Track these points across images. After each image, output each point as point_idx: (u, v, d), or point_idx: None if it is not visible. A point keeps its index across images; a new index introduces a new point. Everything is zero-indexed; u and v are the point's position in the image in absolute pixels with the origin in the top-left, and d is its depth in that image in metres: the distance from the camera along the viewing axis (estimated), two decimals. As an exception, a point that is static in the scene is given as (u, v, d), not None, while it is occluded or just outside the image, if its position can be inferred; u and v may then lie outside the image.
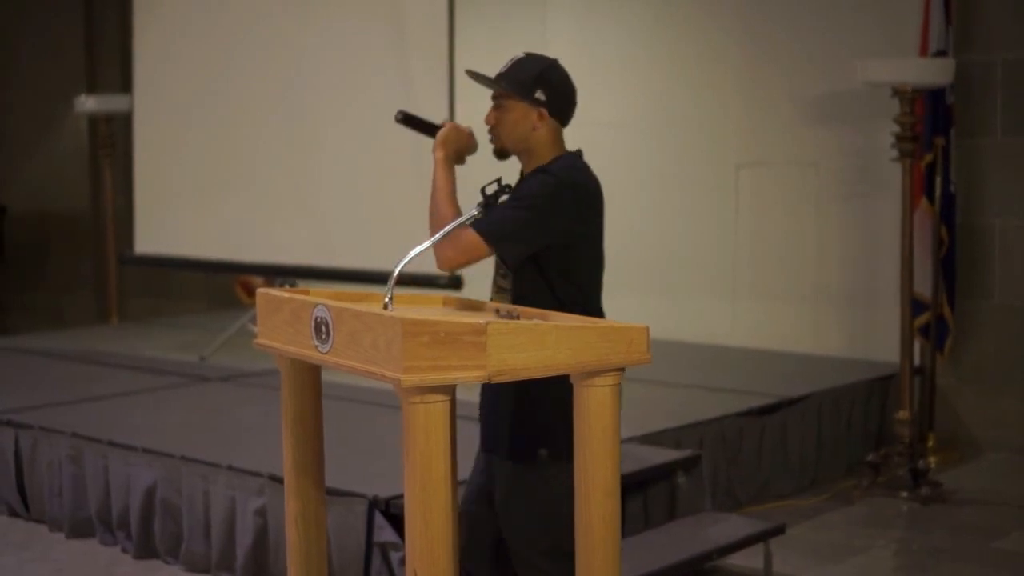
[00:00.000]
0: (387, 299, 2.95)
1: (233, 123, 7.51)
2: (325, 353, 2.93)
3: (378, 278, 6.22)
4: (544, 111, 3.31)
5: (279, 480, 4.47)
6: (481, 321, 2.70)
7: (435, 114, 3.96)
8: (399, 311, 2.85)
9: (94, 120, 10.40)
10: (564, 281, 3.27)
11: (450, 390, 2.72)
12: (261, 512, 4.73)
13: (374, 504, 4.39)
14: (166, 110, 7.96)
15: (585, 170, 3.35)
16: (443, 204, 3.33)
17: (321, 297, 3.09)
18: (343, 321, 2.87)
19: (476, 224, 3.21)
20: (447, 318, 2.78)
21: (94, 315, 10.84)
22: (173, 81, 7.91)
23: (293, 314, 3.07)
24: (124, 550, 5.28)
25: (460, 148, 3.40)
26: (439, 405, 2.69)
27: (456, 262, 3.30)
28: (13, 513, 5.77)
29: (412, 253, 3.04)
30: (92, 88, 10.72)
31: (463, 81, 6.86)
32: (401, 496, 2.81)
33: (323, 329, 2.92)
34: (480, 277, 6.77)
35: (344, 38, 6.93)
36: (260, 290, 3.30)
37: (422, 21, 6.52)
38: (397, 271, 2.98)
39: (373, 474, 4.67)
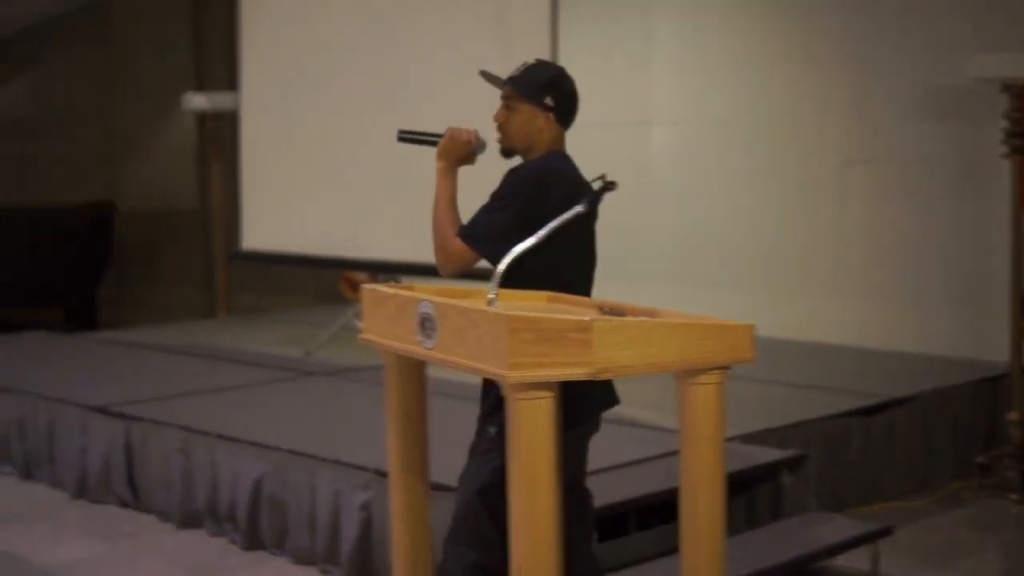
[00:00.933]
0: (492, 295, 2.96)
1: (338, 120, 7.58)
2: (430, 349, 2.95)
3: (479, 275, 6.25)
4: (551, 116, 3.43)
5: (384, 475, 4.50)
6: (586, 318, 2.70)
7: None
8: (504, 307, 2.86)
9: (202, 118, 10.58)
10: (542, 275, 3.27)
11: (555, 387, 2.73)
12: (366, 506, 4.77)
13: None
14: (272, 107, 8.06)
15: (561, 163, 3.40)
16: (442, 212, 3.48)
17: (425, 293, 3.11)
18: (448, 317, 2.88)
19: (460, 231, 3.35)
20: (552, 315, 2.78)
21: (202, 310, 11.02)
22: (279, 78, 8.01)
23: (398, 310, 3.10)
24: (232, 541, 5.35)
25: (461, 155, 3.54)
26: (544, 401, 2.70)
27: (449, 270, 3.43)
28: (124, 504, 5.88)
29: (516, 250, 3.05)
30: (200, 86, 10.90)
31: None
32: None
33: (428, 325, 2.94)
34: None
35: (448, 38, 6.96)
36: (365, 286, 3.33)
37: (525, 21, 6.53)
38: (502, 268, 2.99)
39: (476, 470, 4.68)
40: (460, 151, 3.53)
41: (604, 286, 3.54)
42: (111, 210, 10.96)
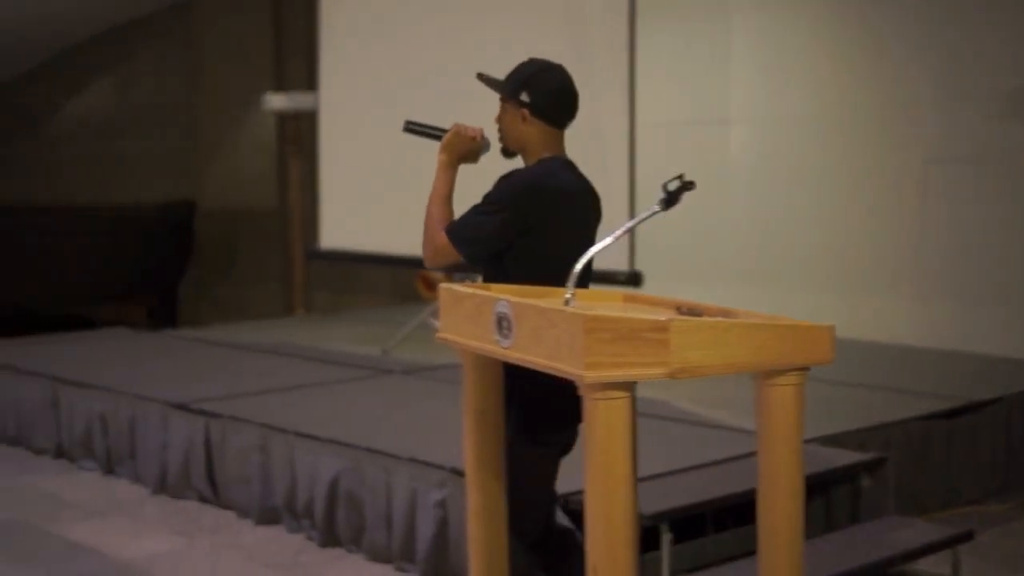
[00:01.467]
0: (568, 295, 2.95)
1: (415, 118, 7.60)
2: (507, 348, 2.95)
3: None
4: (528, 112, 3.42)
5: (460, 473, 4.51)
6: (663, 318, 2.69)
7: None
8: (580, 307, 2.85)
9: (281, 117, 10.68)
10: (520, 282, 3.29)
11: (631, 387, 2.72)
12: (442, 504, 4.79)
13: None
14: (350, 107, 8.11)
15: (552, 173, 3.39)
16: (435, 205, 3.52)
17: (503, 292, 3.11)
18: (525, 317, 2.88)
19: (447, 227, 3.40)
20: (628, 314, 2.76)
21: (280, 308, 11.12)
22: (357, 79, 8.06)
23: (475, 309, 3.10)
24: (309, 538, 5.39)
25: (464, 151, 3.54)
26: (621, 402, 2.69)
27: (433, 262, 3.48)
28: (203, 500, 5.94)
29: (593, 250, 3.04)
30: (279, 86, 11.00)
31: (644, 81, 6.88)
32: (580, 492, 2.81)
33: (505, 324, 2.94)
34: (660, 275, 6.77)
35: (524, 38, 6.96)
36: (443, 285, 3.34)
37: (603, 20, 6.52)
38: (579, 267, 2.98)
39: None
40: (463, 147, 3.54)
41: (677, 285, 3.54)
42: (192, 209, 11.09)
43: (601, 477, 2.69)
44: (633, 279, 6.32)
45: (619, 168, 6.59)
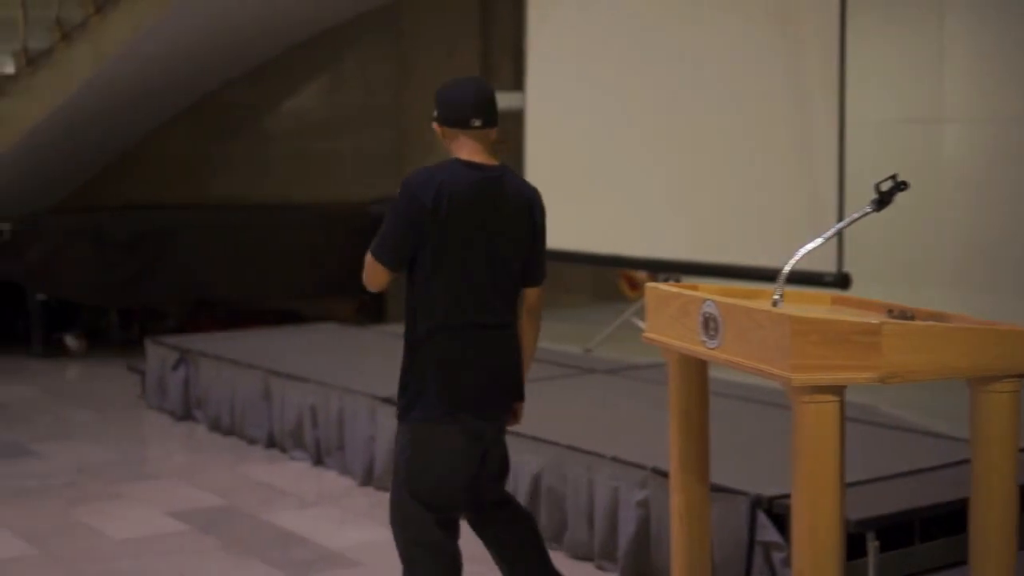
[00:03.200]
0: (776, 296, 2.93)
1: (619, 120, 7.62)
2: (713, 349, 2.94)
3: (759, 274, 6.19)
4: (436, 124, 3.80)
5: (662, 473, 4.51)
6: (874, 321, 2.64)
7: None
8: (788, 308, 2.83)
9: (487, 117, 10.78)
10: (417, 282, 3.65)
11: (840, 391, 2.68)
12: (644, 504, 4.78)
13: (757, 503, 4.36)
14: (556, 107, 8.16)
15: (439, 172, 3.67)
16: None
17: (710, 293, 3.10)
18: (732, 317, 2.87)
19: (370, 247, 3.68)
20: (838, 317, 2.73)
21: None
22: (563, 79, 8.10)
23: (681, 309, 3.10)
24: (511, 533, 5.44)
25: None
26: (829, 405, 2.66)
27: (371, 285, 3.74)
28: (408, 492, 6.04)
29: (803, 250, 3.01)
30: (486, 86, 11.12)
31: (855, 81, 6.75)
32: (785, 496, 2.80)
33: (711, 325, 2.93)
34: (868, 277, 6.63)
35: (731, 37, 6.91)
36: (649, 285, 3.35)
37: (813, 20, 6.42)
38: (788, 268, 2.96)
39: (757, 472, 4.63)
40: None
41: (886, 288, 3.47)
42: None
43: (808, 482, 2.67)
44: (841, 281, 6.21)
45: (828, 168, 6.49)
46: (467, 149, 3.76)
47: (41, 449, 7.18)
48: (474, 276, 3.66)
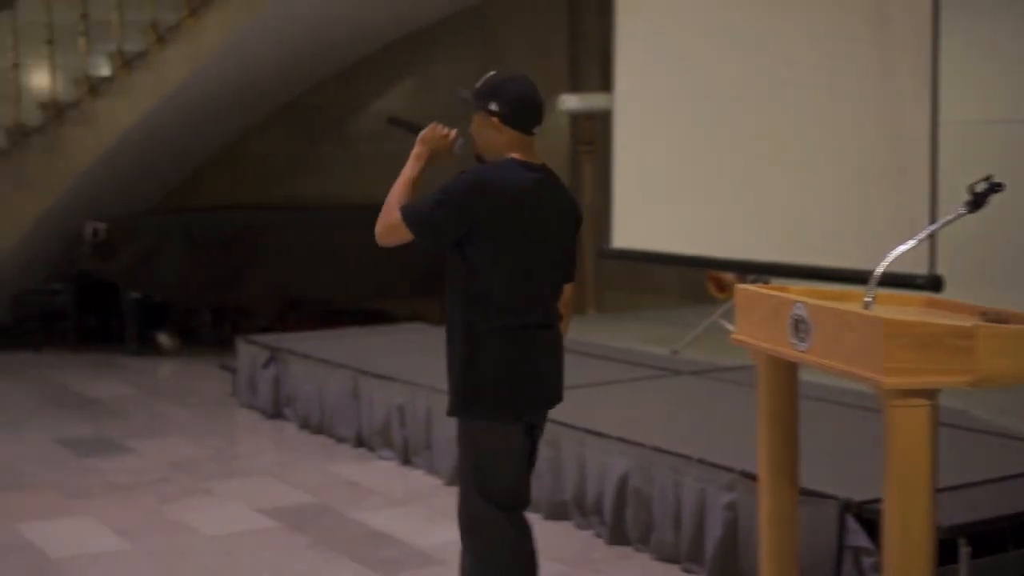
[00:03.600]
0: (868, 298, 2.90)
1: (708, 121, 7.58)
2: (803, 351, 2.92)
3: (849, 277, 6.12)
4: (496, 120, 3.72)
5: (750, 476, 4.48)
6: (967, 324, 2.61)
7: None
8: (880, 311, 2.80)
9: (575, 118, 10.78)
10: (474, 279, 3.64)
11: (933, 395, 2.65)
12: (731, 507, 4.75)
13: (846, 507, 4.31)
14: (644, 109, 8.14)
15: (508, 170, 3.67)
16: (399, 187, 3.78)
17: (800, 295, 3.08)
18: (822, 319, 2.85)
19: (403, 207, 3.67)
20: (931, 320, 2.70)
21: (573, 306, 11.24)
22: (651, 81, 8.08)
23: (771, 311, 3.08)
24: (597, 535, 5.44)
25: (437, 147, 3.85)
26: (921, 409, 2.63)
27: (383, 238, 3.76)
28: (494, 492, 6.06)
29: (895, 252, 2.98)
30: (574, 87, 11.12)
31: (947, 80, 6.65)
32: (875, 501, 2.77)
33: (802, 327, 2.91)
34: (961, 280, 6.53)
35: (820, 36, 6.85)
36: (739, 286, 3.33)
37: (906, 19, 6.33)
38: (880, 270, 2.93)
39: (846, 476, 4.59)
40: (436, 143, 3.85)
41: (979, 291, 3.42)
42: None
43: (899, 487, 2.64)
44: (933, 284, 6.13)
45: (919, 168, 6.40)
46: (522, 150, 3.77)
47: (135, 445, 7.31)
48: (532, 275, 3.70)
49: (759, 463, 3.32)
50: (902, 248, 2.97)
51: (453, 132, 3.87)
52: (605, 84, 9.70)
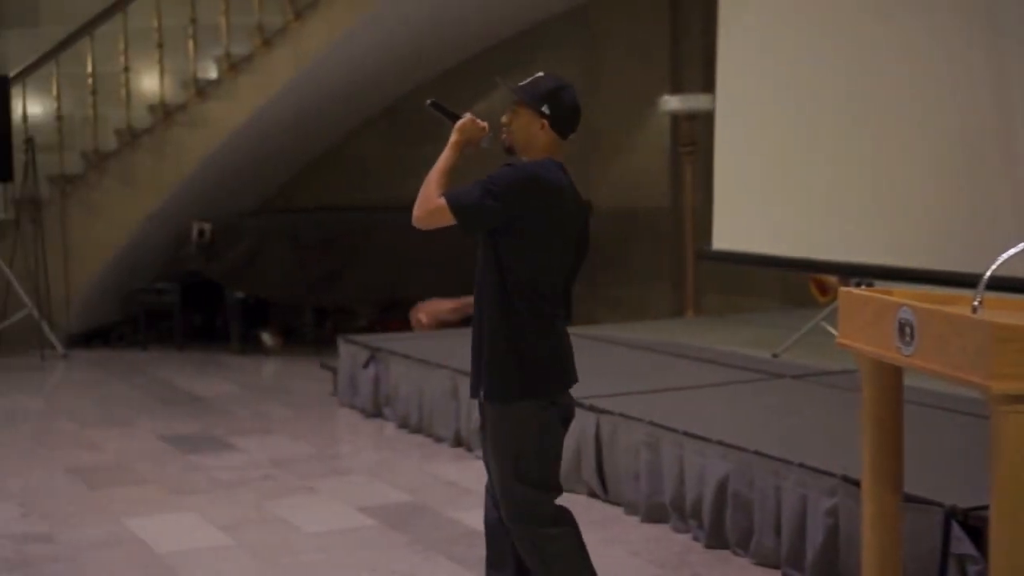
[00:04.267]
0: (976, 302, 2.85)
1: (812, 123, 7.50)
2: (909, 356, 2.88)
3: (955, 280, 6.01)
4: (547, 123, 3.89)
5: (852, 482, 4.43)
6: (1081, 329, 2.55)
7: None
8: (989, 315, 2.75)
9: (676, 119, 10.74)
10: (512, 269, 3.79)
11: (1044, 401, 2.60)
12: (832, 512, 4.70)
13: (951, 514, 4.24)
14: (746, 110, 8.08)
15: (550, 170, 3.84)
16: (437, 173, 3.90)
17: (905, 298, 3.03)
18: (929, 323, 2.80)
19: (447, 193, 3.79)
20: (1042, 324, 2.65)
21: (671, 308, 11.20)
22: (754, 82, 8.01)
23: (876, 315, 3.04)
24: (695, 538, 5.41)
25: (472, 137, 4.00)
26: (1030, 416, 2.58)
27: (423, 221, 3.85)
28: (592, 494, 6.06)
29: (1005, 255, 2.92)
30: (676, 88, 11.08)
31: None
32: (981, 508, 2.73)
33: (907, 331, 2.87)
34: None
35: (931, 36, 6.73)
36: (843, 289, 3.29)
37: (1021, 26, 6.20)
38: (989, 273, 2.87)
39: (952, 483, 4.51)
40: (473, 134, 4.00)
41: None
42: (589, 210, 11.29)
43: (1007, 494, 2.59)
44: (1043, 288, 6.00)
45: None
46: (558, 152, 3.96)
47: (239, 442, 7.41)
48: (557, 268, 3.91)
49: (862, 468, 3.28)
50: (1012, 251, 2.91)
51: (486, 124, 4.04)
52: (706, 85, 9.64)
